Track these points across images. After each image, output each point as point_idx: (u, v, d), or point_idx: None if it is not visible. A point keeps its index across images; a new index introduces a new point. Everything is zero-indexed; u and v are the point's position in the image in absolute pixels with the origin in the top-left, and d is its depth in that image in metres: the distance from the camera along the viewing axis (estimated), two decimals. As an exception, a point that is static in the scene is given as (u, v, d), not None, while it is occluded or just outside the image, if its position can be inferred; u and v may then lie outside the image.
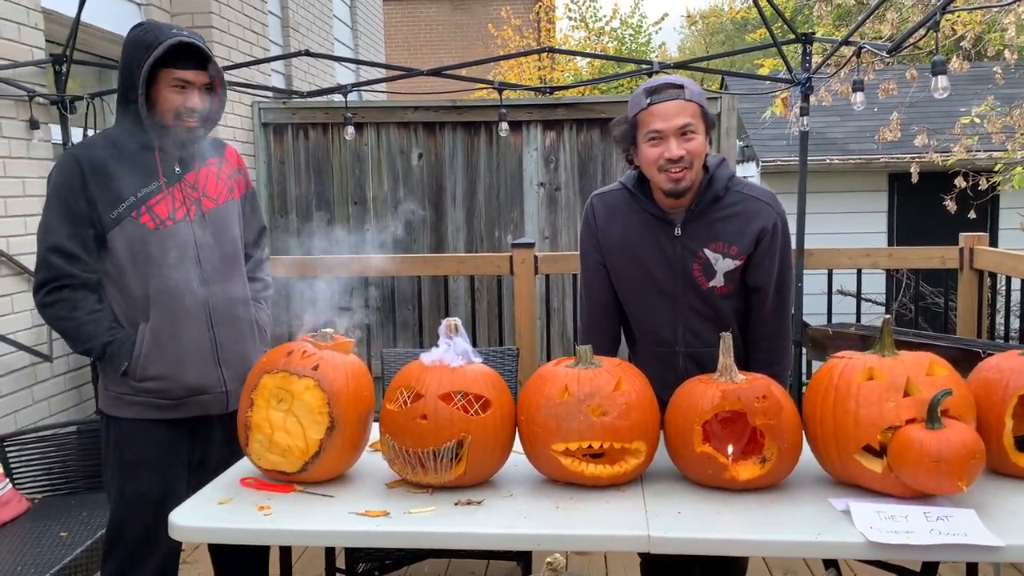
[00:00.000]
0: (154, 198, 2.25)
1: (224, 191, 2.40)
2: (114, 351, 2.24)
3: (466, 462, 1.95)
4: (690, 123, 2.13)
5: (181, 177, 2.31)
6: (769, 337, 2.34)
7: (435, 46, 17.36)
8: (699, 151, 2.16)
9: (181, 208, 2.29)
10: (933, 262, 4.17)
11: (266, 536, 1.83)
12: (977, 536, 1.66)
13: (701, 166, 2.20)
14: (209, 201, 2.35)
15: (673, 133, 2.13)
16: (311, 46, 7.19)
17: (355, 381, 2.03)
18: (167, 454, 2.31)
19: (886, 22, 5.72)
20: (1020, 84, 6.52)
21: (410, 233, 5.62)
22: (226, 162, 2.45)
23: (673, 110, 2.13)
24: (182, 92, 2.21)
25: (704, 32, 26.22)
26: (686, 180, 2.16)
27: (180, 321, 2.27)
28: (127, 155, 2.24)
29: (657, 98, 2.14)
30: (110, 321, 2.26)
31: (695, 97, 2.15)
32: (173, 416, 2.31)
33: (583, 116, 5.52)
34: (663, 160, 2.14)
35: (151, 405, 2.28)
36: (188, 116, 2.23)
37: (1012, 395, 1.94)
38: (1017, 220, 7.16)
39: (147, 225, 2.23)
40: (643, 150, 2.18)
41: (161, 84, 2.20)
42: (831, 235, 8.29)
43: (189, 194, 2.31)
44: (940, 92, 2.70)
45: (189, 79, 2.21)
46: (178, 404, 2.30)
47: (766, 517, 1.81)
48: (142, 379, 2.25)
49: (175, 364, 2.27)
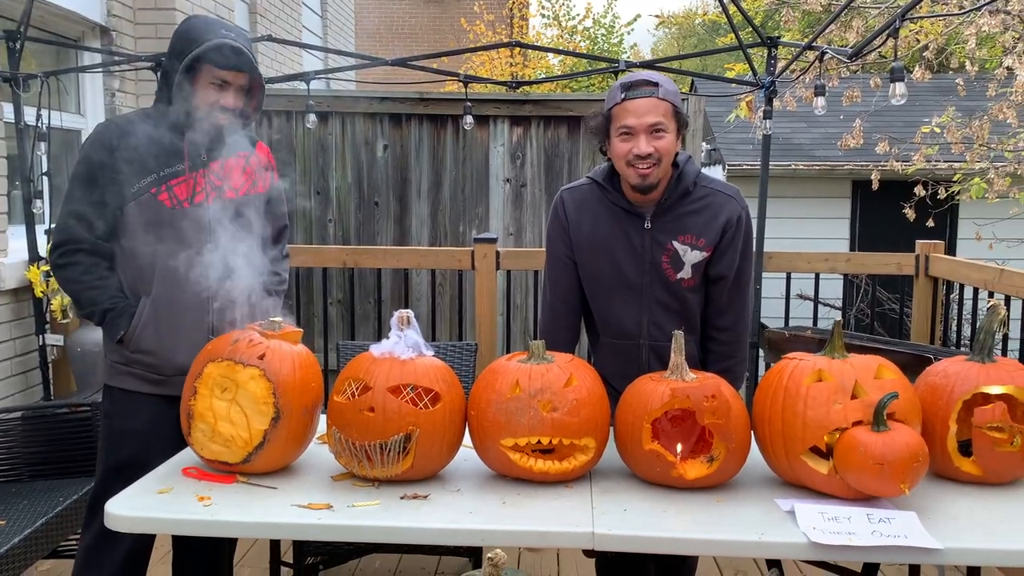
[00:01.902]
0: (176, 179, 2.32)
1: (248, 184, 2.45)
2: (113, 318, 2.32)
3: (413, 456, 1.92)
4: (661, 121, 2.17)
5: (206, 163, 2.37)
6: (726, 329, 2.37)
7: (407, 38, 17.25)
8: (668, 149, 2.20)
9: (201, 193, 2.34)
10: (890, 268, 4.23)
11: (203, 527, 1.78)
12: (916, 538, 1.67)
13: (670, 163, 2.24)
14: (231, 191, 2.39)
15: (644, 130, 2.17)
16: (278, 33, 7.11)
17: (302, 371, 2.00)
18: (151, 427, 2.34)
19: (852, 30, 5.78)
20: (981, 96, 6.62)
21: (373, 225, 5.57)
22: (255, 157, 2.50)
23: (645, 107, 2.17)
24: (220, 90, 2.29)
25: (677, 35, 26.38)
26: (653, 176, 2.20)
27: (180, 301, 2.32)
28: (158, 134, 2.31)
29: (631, 94, 2.18)
30: (116, 289, 2.34)
31: (668, 96, 2.18)
32: (161, 392, 2.35)
33: (551, 113, 5.50)
34: (632, 155, 2.19)
35: (141, 377, 2.36)
36: (222, 113, 2.30)
37: (957, 400, 1.96)
38: (975, 230, 7.29)
39: (164, 203, 2.30)
40: (615, 144, 2.23)
41: (201, 79, 2.27)
42: (795, 239, 8.38)
43: (212, 181, 2.37)
44: (898, 99, 2.73)
45: (228, 79, 2.29)
46: (166, 380, 2.35)
47: (711, 516, 1.80)
48: (135, 351, 2.33)
49: (168, 341, 2.32)
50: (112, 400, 2.40)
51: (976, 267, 3.63)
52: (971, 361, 2.03)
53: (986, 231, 7.10)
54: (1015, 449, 1.93)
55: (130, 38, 5.06)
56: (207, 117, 2.29)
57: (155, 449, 2.27)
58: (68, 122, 4.58)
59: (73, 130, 4.72)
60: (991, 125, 6.09)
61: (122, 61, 4.58)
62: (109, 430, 2.40)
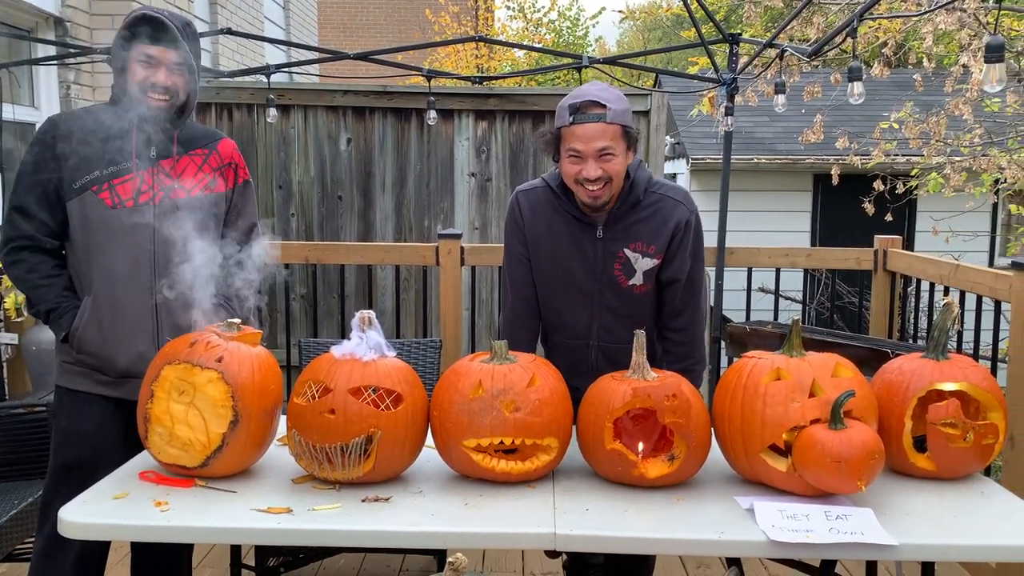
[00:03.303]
0: (121, 177, 2.26)
1: (202, 183, 2.38)
2: (56, 318, 2.28)
3: (375, 458, 1.91)
4: (609, 146, 2.15)
5: (155, 162, 2.31)
6: (681, 330, 2.38)
7: (371, 30, 17.11)
8: (618, 171, 2.19)
9: (147, 192, 2.28)
10: (849, 263, 4.28)
11: (159, 533, 1.76)
12: (873, 535, 1.70)
13: (621, 181, 2.23)
14: (181, 190, 2.33)
15: (592, 155, 2.16)
16: (239, 24, 7.00)
17: (261, 374, 1.97)
18: (100, 429, 2.30)
19: (812, 26, 5.84)
20: (938, 92, 6.73)
21: (336, 219, 5.52)
22: (216, 155, 2.43)
23: (592, 133, 2.15)
24: (147, 66, 2.24)
25: (642, 28, 26.46)
26: (604, 196, 2.21)
27: (121, 303, 2.27)
28: (106, 130, 2.25)
29: (580, 117, 2.16)
30: (63, 288, 2.30)
31: (616, 118, 2.16)
32: (109, 393, 2.31)
33: (516, 107, 5.48)
34: (581, 177, 2.18)
35: (89, 378, 2.32)
36: (154, 91, 2.24)
37: (912, 397, 2.00)
38: (932, 224, 7.41)
39: (104, 202, 2.25)
40: (564, 163, 2.23)
41: (132, 59, 2.24)
42: (757, 233, 8.48)
43: (161, 180, 2.30)
44: (856, 98, 2.77)
45: (154, 54, 2.23)
46: (114, 383, 2.31)
47: (672, 515, 1.82)
48: (80, 351, 2.29)
49: (110, 343, 2.28)
50: (60, 400, 2.36)
51: (933, 262, 3.70)
52: (926, 358, 2.07)
53: (943, 225, 7.22)
54: (968, 445, 1.97)
55: (86, 29, 4.95)
56: (144, 101, 2.23)
57: (103, 451, 2.24)
58: (22, 115, 4.48)
59: (28, 123, 4.61)
60: (948, 121, 6.19)
61: (77, 53, 4.48)
62: (58, 431, 2.36)
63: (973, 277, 3.28)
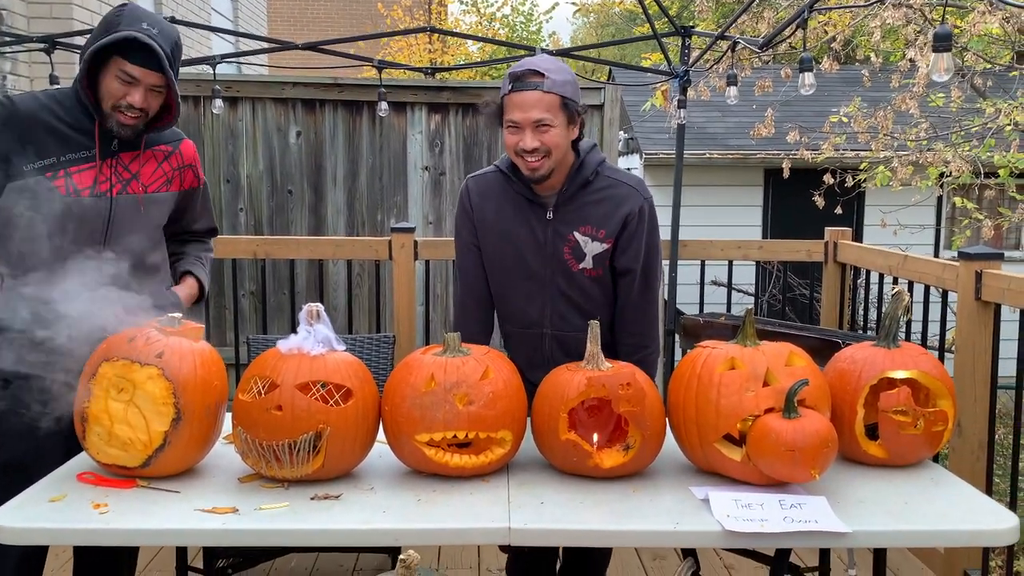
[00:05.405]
0: (78, 166, 2.17)
1: (161, 181, 2.32)
2: None
3: (324, 455, 1.86)
4: (545, 117, 2.12)
5: (116, 154, 2.23)
6: (636, 321, 2.36)
7: (322, 23, 16.88)
8: (556, 143, 2.16)
9: (105, 183, 2.21)
10: (800, 255, 4.33)
11: (97, 536, 1.69)
12: (826, 523, 1.70)
13: (562, 154, 2.20)
14: (139, 185, 2.26)
15: (528, 125, 2.13)
16: (184, 15, 6.84)
17: (204, 369, 1.90)
18: (32, 428, 2.16)
19: (763, 20, 5.89)
20: (885, 87, 6.84)
21: (287, 214, 5.42)
22: (177, 155, 2.38)
23: (530, 102, 2.12)
24: (125, 85, 2.13)
25: (595, 24, 26.56)
26: (543, 168, 2.18)
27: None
28: (66, 116, 2.17)
29: (518, 85, 2.13)
30: None
31: (555, 88, 2.12)
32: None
33: (469, 100, 5.43)
34: (519, 148, 2.16)
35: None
36: (127, 111, 2.15)
37: (864, 385, 2.01)
38: (880, 216, 7.54)
39: (58, 190, 2.15)
40: (505, 135, 2.21)
41: (109, 71, 2.13)
42: (710, 227, 8.53)
43: (120, 173, 2.23)
44: (807, 88, 2.79)
45: (136, 75, 2.13)
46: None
47: (627, 507, 1.80)
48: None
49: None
50: None
51: (882, 254, 3.75)
52: (877, 347, 2.08)
53: (891, 218, 7.35)
54: (918, 432, 1.98)
55: (23, 18, 4.79)
56: (112, 114, 2.15)
57: (35, 451, 2.14)
58: (-46, 106, 4.30)
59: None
60: (895, 115, 6.30)
61: (13, 42, 4.32)
62: None
63: (921, 268, 3.33)
